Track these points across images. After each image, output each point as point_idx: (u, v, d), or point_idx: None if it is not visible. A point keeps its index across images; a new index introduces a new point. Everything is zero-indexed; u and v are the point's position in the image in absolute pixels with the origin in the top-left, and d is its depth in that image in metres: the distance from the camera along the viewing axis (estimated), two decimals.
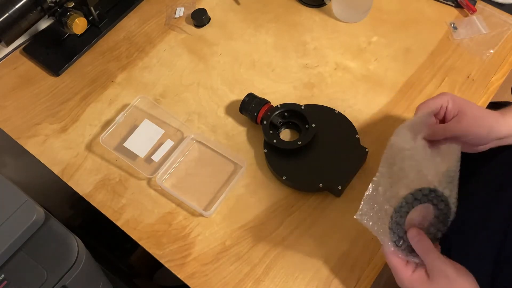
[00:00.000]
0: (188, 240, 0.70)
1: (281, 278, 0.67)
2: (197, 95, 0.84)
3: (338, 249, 0.68)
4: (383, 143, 0.75)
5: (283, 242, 0.69)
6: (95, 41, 0.92)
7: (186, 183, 0.75)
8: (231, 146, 0.78)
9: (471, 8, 0.88)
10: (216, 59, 0.88)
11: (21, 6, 0.77)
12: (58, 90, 0.87)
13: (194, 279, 0.67)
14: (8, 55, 0.91)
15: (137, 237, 0.71)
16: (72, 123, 0.83)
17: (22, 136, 0.82)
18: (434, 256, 0.57)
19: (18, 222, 0.61)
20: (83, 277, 0.66)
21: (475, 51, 0.84)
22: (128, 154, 0.77)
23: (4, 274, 0.60)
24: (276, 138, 0.73)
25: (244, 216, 0.72)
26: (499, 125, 0.64)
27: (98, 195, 0.75)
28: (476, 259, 0.66)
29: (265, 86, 0.84)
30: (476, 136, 0.64)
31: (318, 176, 0.71)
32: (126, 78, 0.87)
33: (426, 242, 0.57)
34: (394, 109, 0.79)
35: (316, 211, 0.71)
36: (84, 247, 0.68)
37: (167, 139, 0.77)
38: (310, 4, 0.93)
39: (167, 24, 0.94)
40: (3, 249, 0.59)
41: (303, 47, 0.88)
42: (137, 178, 0.76)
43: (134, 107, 0.81)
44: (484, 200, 0.71)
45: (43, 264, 0.62)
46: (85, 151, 0.80)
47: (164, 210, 0.73)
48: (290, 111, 0.76)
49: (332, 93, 0.82)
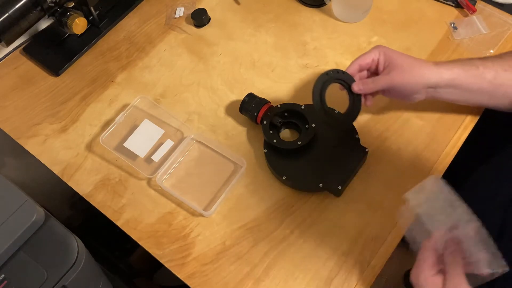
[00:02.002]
0: (188, 240, 0.70)
1: (281, 278, 0.67)
2: (197, 95, 0.84)
3: (338, 249, 0.68)
4: (383, 143, 0.75)
5: (283, 242, 0.69)
6: (95, 41, 0.92)
7: (186, 183, 0.75)
8: (231, 146, 0.78)
9: (471, 8, 0.88)
10: (216, 59, 0.88)
11: (21, 6, 0.77)
12: (58, 90, 0.87)
13: (194, 279, 0.67)
14: (8, 55, 0.91)
15: (137, 237, 0.71)
16: (72, 123, 0.83)
17: (22, 136, 0.82)
18: (457, 273, 0.53)
19: (18, 222, 0.61)
20: (83, 277, 0.66)
21: (475, 51, 0.84)
22: (128, 154, 0.77)
23: (4, 274, 0.60)
24: (276, 138, 0.73)
25: (244, 216, 0.72)
26: (431, 71, 0.66)
27: (98, 195, 0.75)
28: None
29: (265, 86, 0.84)
30: (408, 84, 0.66)
31: (318, 176, 0.71)
32: (126, 78, 0.87)
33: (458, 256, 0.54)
34: (394, 109, 0.79)
35: (316, 211, 0.71)
36: (84, 247, 0.68)
37: (167, 139, 0.77)
38: (310, 4, 0.93)
39: (167, 24, 0.94)
40: (3, 249, 0.59)
41: (303, 47, 0.88)
42: (137, 178, 0.76)
43: (134, 107, 0.81)
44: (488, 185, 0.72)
45: (43, 264, 0.62)
46: (85, 151, 0.80)
47: (164, 210, 0.73)
48: (290, 111, 0.76)
49: (332, 93, 0.82)
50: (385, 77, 0.68)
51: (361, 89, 0.69)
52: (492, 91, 0.67)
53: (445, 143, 0.75)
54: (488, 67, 0.67)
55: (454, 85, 0.67)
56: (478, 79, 0.67)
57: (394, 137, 0.76)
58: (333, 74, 0.71)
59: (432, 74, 0.66)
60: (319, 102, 0.70)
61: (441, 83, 0.67)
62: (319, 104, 0.71)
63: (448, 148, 0.74)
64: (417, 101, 0.70)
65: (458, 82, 0.67)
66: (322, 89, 0.71)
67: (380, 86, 0.68)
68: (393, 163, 0.73)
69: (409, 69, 0.67)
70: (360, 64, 0.70)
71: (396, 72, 0.67)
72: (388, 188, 0.72)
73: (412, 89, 0.68)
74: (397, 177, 0.72)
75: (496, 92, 0.67)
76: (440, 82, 0.67)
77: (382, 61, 0.69)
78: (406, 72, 0.67)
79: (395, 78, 0.67)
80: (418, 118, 0.77)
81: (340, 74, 0.70)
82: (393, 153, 0.73)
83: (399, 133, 0.77)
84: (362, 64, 0.70)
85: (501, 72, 0.66)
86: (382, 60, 0.69)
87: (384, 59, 0.69)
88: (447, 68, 0.67)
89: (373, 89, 0.69)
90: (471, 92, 0.68)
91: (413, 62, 0.67)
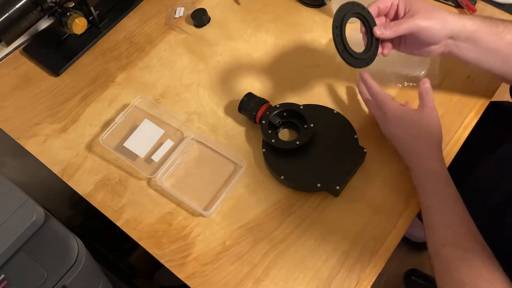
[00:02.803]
0: (188, 240, 0.70)
1: (281, 278, 0.67)
2: (197, 95, 0.84)
3: (338, 249, 0.68)
4: (382, 143, 0.75)
5: (283, 242, 0.69)
6: (95, 41, 0.92)
7: (186, 183, 0.75)
8: (231, 146, 0.78)
9: (471, 8, 0.88)
10: (216, 59, 0.88)
11: (21, 6, 0.77)
12: (58, 90, 0.87)
13: (194, 279, 0.67)
14: (8, 55, 0.91)
15: (137, 237, 0.71)
16: (72, 123, 0.83)
17: (22, 136, 0.82)
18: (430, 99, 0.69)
19: (18, 222, 0.61)
20: (83, 277, 0.66)
21: None
22: (128, 154, 0.77)
23: (4, 274, 0.61)
24: (274, 138, 0.73)
25: (244, 216, 0.72)
26: (454, 19, 0.64)
27: (98, 195, 0.75)
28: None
29: (265, 86, 0.84)
30: (432, 29, 0.63)
31: (316, 176, 0.71)
32: (126, 78, 0.87)
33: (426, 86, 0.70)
34: None
35: (316, 211, 0.71)
36: (84, 247, 0.68)
37: (167, 139, 0.77)
38: (310, 4, 0.93)
39: (167, 24, 0.94)
40: (3, 249, 0.59)
41: (303, 47, 0.88)
42: (137, 178, 0.76)
43: (134, 107, 0.81)
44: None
45: (43, 264, 0.62)
46: (85, 151, 0.80)
47: (164, 210, 0.73)
48: (289, 111, 0.76)
49: (331, 93, 0.82)
50: (408, 20, 0.64)
51: (383, 33, 0.65)
52: (508, 54, 0.66)
53: (446, 142, 0.75)
54: (508, 27, 0.65)
55: (474, 39, 0.65)
56: (497, 38, 0.65)
57: None
58: (358, 8, 0.65)
59: (455, 21, 0.64)
60: (339, 32, 0.64)
61: (462, 34, 0.65)
62: (338, 33, 0.64)
63: (449, 147, 0.74)
64: (433, 55, 0.69)
65: (478, 36, 0.65)
66: (344, 19, 0.65)
67: (404, 29, 0.64)
68: (393, 163, 0.73)
69: (432, 13, 0.64)
70: (379, 7, 0.66)
71: (419, 15, 0.64)
72: (389, 188, 0.72)
73: (435, 35, 0.64)
74: (397, 177, 0.72)
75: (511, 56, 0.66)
76: (462, 31, 0.65)
77: (402, 6, 0.66)
78: (430, 15, 0.64)
79: (419, 21, 0.63)
80: None
81: (365, 11, 0.66)
82: (393, 153, 0.73)
83: None
84: (381, 6, 0.66)
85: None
86: (402, 4, 0.66)
87: (405, 4, 0.65)
88: (470, 19, 0.65)
89: (396, 32, 0.64)
90: (488, 51, 0.66)
91: (435, 8, 0.65)
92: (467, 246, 0.59)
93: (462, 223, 0.61)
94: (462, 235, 0.60)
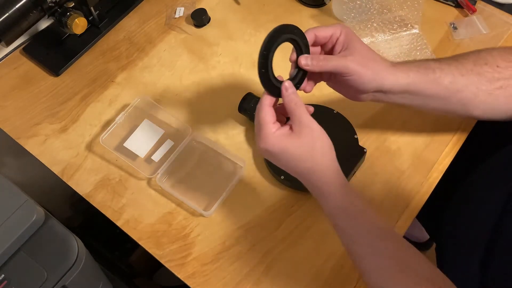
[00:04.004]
0: (188, 240, 0.70)
1: (281, 278, 0.67)
2: (197, 95, 0.84)
3: (338, 249, 0.68)
4: (382, 143, 0.75)
5: (283, 242, 0.69)
6: (95, 41, 0.92)
7: (186, 183, 0.75)
8: (231, 146, 0.78)
9: (471, 8, 0.88)
10: (216, 59, 0.88)
11: (21, 6, 0.77)
12: (58, 90, 0.87)
13: (194, 279, 0.67)
14: (8, 55, 0.91)
15: (137, 237, 0.71)
16: (72, 123, 0.83)
17: (22, 136, 0.82)
18: (303, 111, 0.56)
19: (18, 222, 0.61)
20: (83, 277, 0.66)
21: None
22: (128, 154, 0.77)
23: (4, 274, 0.61)
24: None
25: (244, 216, 0.72)
26: (387, 73, 0.60)
27: (98, 195, 0.75)
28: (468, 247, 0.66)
29: None
30: (360, 77, 0.58)
31: None
32: (126, 78, 0.87)
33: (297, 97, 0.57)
34: (393, 109, 0.79)
35: (317, 211, 0.71)
36: (84, 247, 0.68)
37: (167, 139, 0.77)
38: (310, 4, 0.93)
39: (167, 24, 0.94)
40: (3, 249, 0.59)
41: None
42: (137, 178, 0.76)
43: (134, 107, 0.81)
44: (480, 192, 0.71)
45: (43, 264, 0.62)
46: (85, 151, 0.80)
47: (164, 210, 0.73)
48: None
49: (331, 93, 0.82)
50: (340, 59, 0.58)
51: (307, 65, 0.58)
52: (448, 97, 0.62)
53: (445, 143, 0.75)
54: (444, 71, 0.61)
55: (410, 91, 0.62)
56: (434, 85, 0.61)
57: (394, 137, 0.76)
58: (297, 33, 0.58)
59: (387, 77, 0.60)
60: (267, 52, 0.58)
61: (394, 88, 0.61)
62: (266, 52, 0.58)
63: (448, 148, 0.74)
64: (359, 101, 0.64)
65: (413, 87, 0.61)
66: (276, 42, 0.58)
67: (332, 66, 0.58)
68: (393, 163, 0.73)
69: (368, 62, 0.59)
70: (316, 35, 0.59)
71: (353, 58, 0.58)
72: (389, 188, 0.72)
73: (362, 84, 0.59)
74: (397, 177, 0.72)
75: (452, 98, 0.63)
76: (394, 86, 0.61)
77: (341, 41, 0.59)
78: (365, 63, 0.58)
79: (350, 64, 0.58)
80: (418, 118, 0.77)
81: (302, 38, 0.59)
82: (393, 153, 0.73)
83: (399, 133, 0.77)
84: (319, 35, 0.59)
85: (458, 76, 0.61)
86: (342, 40, 0.59)
87: (344, 40, 0.59)
88: (403, 71, 0.61)
89: (321, 67, 0.58)
90: (426, 98, 0.63)
91: (375, 57, 0.60)
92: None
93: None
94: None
